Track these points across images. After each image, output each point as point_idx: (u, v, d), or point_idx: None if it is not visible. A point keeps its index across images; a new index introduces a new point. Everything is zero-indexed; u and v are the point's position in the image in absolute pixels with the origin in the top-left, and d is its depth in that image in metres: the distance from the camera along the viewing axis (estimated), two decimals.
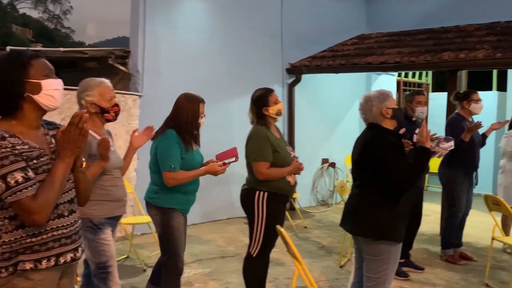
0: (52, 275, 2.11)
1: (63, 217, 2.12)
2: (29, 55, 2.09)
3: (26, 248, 2.02)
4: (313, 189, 9.37)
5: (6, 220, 2.01)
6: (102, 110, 3.20)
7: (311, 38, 9.02)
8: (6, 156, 1.93)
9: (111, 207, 3.21)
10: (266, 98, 3.99)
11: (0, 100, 2.04)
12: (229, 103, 7.73)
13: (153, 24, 6.93)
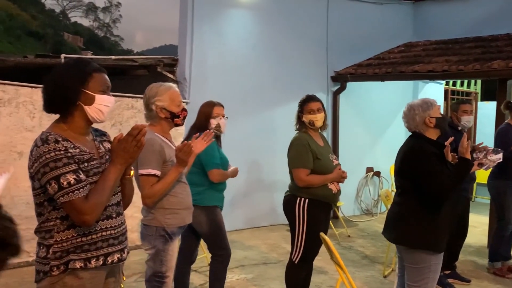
0: (100, 274, 2.20)
1: (111, 218, 2.22)
2: (94, 67, 2.19)
3: (77, 248, 2.12)
4: (357, 198, 9.29)
5: (58, 220, 2.12)
6: (172, 115, 3.16)
7: (356, 45, 8.99)
8: (59, 158, 2.04)
9: (183, 215, 3.21)
10: (303, 106, 4.04)
11: (55, 100, 2.15)
12: (274, 110, 7.79)
13: (200, 32, 7.08)
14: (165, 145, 3.10)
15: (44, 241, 2.13)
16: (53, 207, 2.11)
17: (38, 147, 2.07)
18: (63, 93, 2.12)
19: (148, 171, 3.00)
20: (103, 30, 79.15)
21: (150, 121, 3.21)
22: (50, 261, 2.10)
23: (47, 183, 2.03)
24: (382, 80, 8.35)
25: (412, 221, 3.27)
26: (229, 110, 7.25)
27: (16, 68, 6.64)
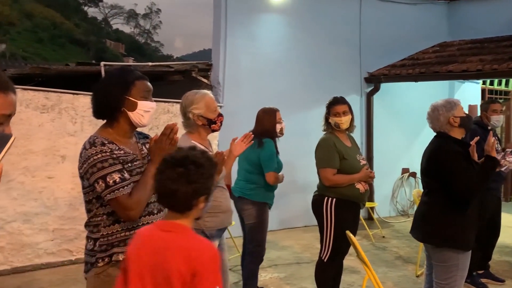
0: None
1: (153, 214, 2.39)
2: (136, 76, 2.38)
3: (120, 241, 2.30)
4: (393, 199, 9.27)
5: (105, 216, 2.30)
6: (209, 122, 3.23)
7: (390, 46, 8.98)
8: (106, 159, 2.23)
9: (222, 218, 3.33)
10: (329, 107, 4.14)
11: (102, 107, 2.35)
12: (307, 112, 7.87)
13: (233, 37, 7.25)
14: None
15: (92, 235, 2.33)
16: (101, 204, 2.29)
17: (87, 150, 2.26)
18: (109, 101, 2.31)
19: None
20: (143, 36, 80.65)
21: (188, 129, 3.32)
22: (96, 253, 2.29)
23: (95, 182, 2.22)
24: (416, 80, 8.32)
25: (439, 220, 3.33)
26: None
27: (58, 75, 6.97)
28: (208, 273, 1.76)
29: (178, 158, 1.84)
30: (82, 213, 5.95)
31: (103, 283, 2.29)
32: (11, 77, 7.27)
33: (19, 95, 5.41)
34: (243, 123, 4.27)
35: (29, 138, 5.50)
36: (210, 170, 1.89)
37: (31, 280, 5.22)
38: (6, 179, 5.22)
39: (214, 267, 1.78)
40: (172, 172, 1.81)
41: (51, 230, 5.66)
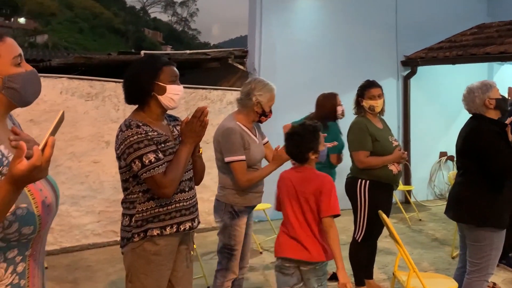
0: (173, 241, 2.54)
1: (184, 192, 2.54)
2: (163, 62, 2.53)
3: (154, 217, 2.46)
4: (430, 183, 9.25)
5: (140, 193, 2.46)
6: (263, 113, 3.47)
7: (427, 29, 8.89)
8: (141, 140, 2.38)
9: (251, 197, 3.49)
10: (364, 90, 4.22)
11: (134, 92, 2.51)
12: (343, 97, 7.86)
13: (268, 24, 7.35)
14: (244, 133, 3.40)
15: (128, 211, 2.50)
16: (137, 182, 2.46)
17: (123, 132, 2.42)
18: (139, 86, 2.48)
19: (235, 157, 3.33)
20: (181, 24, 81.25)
21: (240, 107, 3.52)
22: (132, 228, 2.46)
23: (131, 162, 2.38)
24: (453, 63, 8.24)
25: (474, 200, 3.38)
26: (299, 98, 7.54)
27: (101, 65, 7.23)
28: (327, 191, 2.93)
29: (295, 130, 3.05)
30: None
31: (138, 257, 2.45)
32: (57, 67, 7.59)
33: (64, 83, 5.70)
34: (279, 107, 4.37)
35: (75, 125, 5.78)
36: (313, 136, 3.00)
37: (79, 259, 5.52)
38: (54, 164, 5.51)
39: (330, 188, 2.94)
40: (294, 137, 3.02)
41: (97, 212, 5.95)
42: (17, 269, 1.56)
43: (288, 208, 3.03)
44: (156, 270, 2.48)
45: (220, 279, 3.49)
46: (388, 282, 4.78)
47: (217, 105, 6.90)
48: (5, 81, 1.55)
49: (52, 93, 5.65)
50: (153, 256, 2.46)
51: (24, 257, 1.57)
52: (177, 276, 2.62)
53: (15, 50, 1.59)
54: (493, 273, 3.45)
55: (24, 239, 1.53)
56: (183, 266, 2.65)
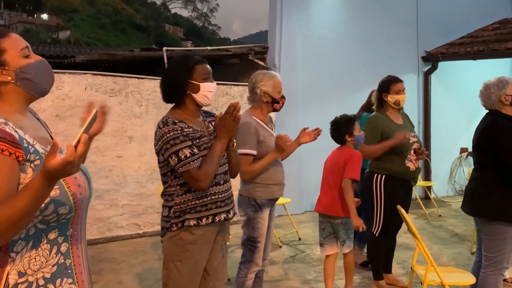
0: (210, 232, 2.64)
1: (219, 185, 2.65)
2: (196, 60, 2.63)
3: (191, 209, 2.57)
4: (451, 179, 9.22)
5: (178, 187, 2.58)
6: (273, 100, 3.51)
7: (448, 24, 8.85)
8: (177, 136, 2.50)
9: (273, 190, 3.56)
10: (389, 85, 4.27)
11: (170, 92, 2.64)
12: (365, 92, 7.86)
13: (289, 20, 7.40)
14: (260, 127, 3.47)
15: (167, 203, 2.62)
16: (175, 176, 2.58)
17: (161, 129, 2.54)
18: (174, 87, 2.60)
19: (245, 151, 3.40)
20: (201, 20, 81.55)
21: (252, 104, 3.60)
22: (171, 219, 2.58)
23: (169, 157, 2.50)
24: (474, 58, 8.19)
25: (489, 194, 3.42)
26: (320, 94, 7.59)
27: (124, 61, 7.36)
28: (354, 160, 3.91)
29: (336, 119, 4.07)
30: (149, 190, 6.37)
31: (176, 246, 2.58)
32: (81, 63, 7.76)
33: (89, 80, 5.84)
34: (298, 104, 4.43)
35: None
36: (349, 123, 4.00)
37: (103, 251, 5.67)
38: None
39: (358, 160, 3.92)
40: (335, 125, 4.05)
41: (121, 205, 6.09)
42: (61, 249, 1.65)
43: (324, 176, 4.08)
44: (192, 258, 2.59)
45: (243, 271, 3.57)
46: (407, 277, 4.82)
47: (237, 101, 6.97)
48: (17, 73, 1.63)
49: (77, 89, 5.79)
50: (189, 245, 2.57)
51: (66, 237, 1.66)
52: (213, 266, 2.73)
53: (22, 43, 1.67)
54: (508, 267, 3.48)
55: (62, 219, 1.61)
56: (219, 256, 2.76)
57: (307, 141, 3.74)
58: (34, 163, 1.55)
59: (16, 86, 1.65)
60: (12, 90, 1.64)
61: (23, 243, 1.56)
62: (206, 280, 2.72)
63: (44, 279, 1.61)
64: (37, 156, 1.57)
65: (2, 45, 1.63)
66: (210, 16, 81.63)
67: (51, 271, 1.63)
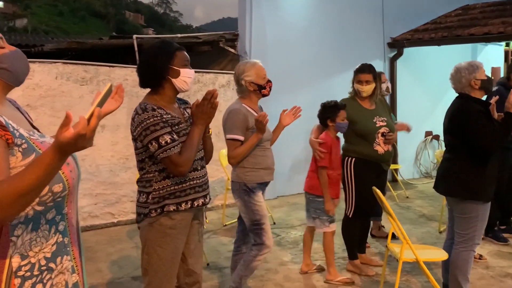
0: (188, 216, 2.70)
1: (197, 170, 2.70)
2: (176, 47, 2.66)
3: (170, 194, 2.61)
4: (416, 162, 9.50)
5: (156, 173, 2.61)
6: (260, 87, 3.58)
7: (413, 11, 9.07)
8: (157, 123, 2.52)
9: (262, 174, 3.62)
10: (355, 74, 4.44)
11: (149, 76, 2.64)
12: (333, 79, 8.07)
13: (259, 7, 7.44)
14: (249, 114, 3.53)
15: (144, 189, 2.65)
16: (153, 162, 2.61)
17: (139, 115, 2.55)
18: (155, 70, 2.61)
19: (233, 136, 3.49)
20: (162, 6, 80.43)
21: (240, 95, 3.67)
22: (149, 205, 2.61)
23: (148, 143, 2.53)
24: (439, 44, 8.43)
25: (461, 175, 3.58)
26: (290, 81, 7.69)
27: (93, 49, 7.27)
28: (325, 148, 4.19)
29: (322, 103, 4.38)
30: (122, 178, 6.35)
31: (155, 231, 2.62)
32: (50, 52, 7.61)
33: (59, 68, 5.77)
34: (272, 91, 4.47)
35: (70, 109, 5.78)
36: (333, 109, 4.26)
37: None
38: None
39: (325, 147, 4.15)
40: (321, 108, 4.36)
41: (94, 195, 6.06)
42: (59, 228, 1.70)
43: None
44: (172, 243, 2.64)
45: (254, 251, 3.62)
46: (379, 256, 5.01)
47: (209, 88, 6.98)
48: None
49: (48, 78, 5.71)
50: (169, 230, 2.62)
51: (63, 216, 1.70)
52: (190, 249, 2.79)
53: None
54: (479, 243, 3.66)
55: (58, 198, 1.64)
56: (195, 239, 2.83)
57: (289, 122, 3.85)
58: (21, 146, 1.57)
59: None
60: None
61: (23, 227, 1.59)
62: (184, 263, 2.79)
63: (45, 259, 1.65)
64: (23, 140, 1.59)
65: None
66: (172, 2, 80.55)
67: (51, 250, 1.67)
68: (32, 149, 1.60)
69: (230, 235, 5.78)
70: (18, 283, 1.59)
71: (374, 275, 4.50)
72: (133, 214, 6.29)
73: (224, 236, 5.78)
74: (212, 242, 5.53)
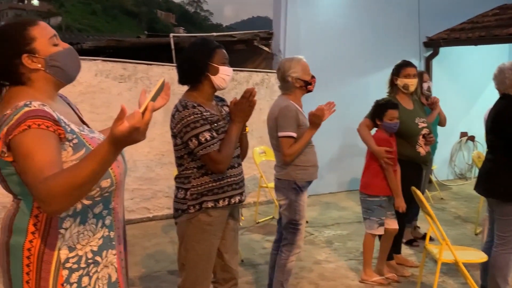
0: (224, 213, 2.74)
1: (234, 168, 2.74)
2: (216, 45, 2.71)
3: (209, 191, 2.65)
4: (451, 163, 9.37)
5: (195, 169, 2.65)
6: (306, 83, 3.56)
7: (449, 10, 8.92)
8: (197, 120, 2.56)
9: (311, 172, 3.61)
10: (399, 69, 4.35)
11: (189, 72, 2.68)
12: (367, 77, 8.02)
13: (294, 5, 7.45)
14: (298, 111, 3.53)
15: (183, 186, 2.69)
16: (192, 159, 2.64)
17: (180, 112, 2.60)
18: (195, 67, 2.65)
19: (287, 133, 3.46)
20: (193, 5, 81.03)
21: (284, 91, 3.66)
22: (188, 201, 2.65)
23: (188, 140, 2.57)
24: (476, 44, 8.29)
25: (503, 176, 3.53)
26: (324, 79, 7.61)
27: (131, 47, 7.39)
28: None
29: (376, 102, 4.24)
30: (158, 174, 6.44)
31: (194, 227, 2.67)
32: (88, 49, 7.77)
33: (99, 66, 5.88)
34: None
35: (109, 106, 5.97)
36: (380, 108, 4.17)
37: None
38: None
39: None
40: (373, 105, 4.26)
41: (131, 190, 6.16)
42: (105, 222, 1.75)
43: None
44: (209, 239, 2.69)
45: (285, 253, 3.61)
46: (415, 257, 4.97)
47: (243, 87, 7.04)
48: (47, 60, 1.69)
49: (88, 75, 5.83)
50: (207, 226, 2.67)
51: (109, 211, 1.76)
52: (226, 245, 2.83)
53: (50, 31, 1.73)
54: None
55: (105, 193, 1.70)
56: (231, 235, 2.87)
57: (325, 118, 3.69)
58: (72, 142, 1.62)
59: (46, 73, 1.70)
60: (42, 77, 1.70)
61: (71, 220, 1.65)
62: (220, 259, 2.83)
63: (92, 252, 1.70)
64: (74, 135, 1.64)
65: (32, 33, 1.68)
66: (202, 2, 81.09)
67: (98, 244, 1.72)
68: (82, 144, 1.65)
69: (263, 232, 5.82)
70: (65, 274, 1.64)
71: (410, 275, 4.47)
72: (168, 209, 6.41)
73: (257, 233, 5.81)
74: (245, 239, 5.57)
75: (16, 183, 1.61)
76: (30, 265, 1.61)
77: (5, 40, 1.67)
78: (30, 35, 1.67)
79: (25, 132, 1.49)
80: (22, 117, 1.52)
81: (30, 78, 1.69)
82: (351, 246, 5.36)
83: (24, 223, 1.62)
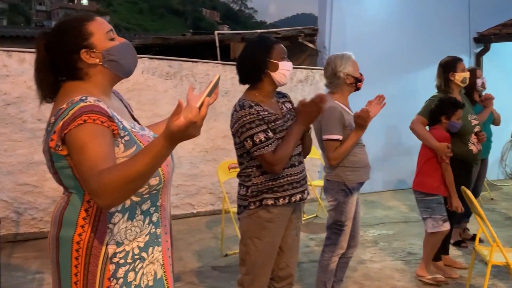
0: (286, 211, 2.73)
1: (294, 166, 2.71)
2: (273, 41, 2.69)
3: (268, 189, 2.65)
4: (502, 162, 9.06)
5: (255, 168, 2.66)
6: (357, 80, 3.45)
7: (501, 4, 8.64)
8: (253, 120, 2.55)
9: (361, 173, 3.49)
10: (455, 64, 4.25)
11: (249, 71, 2.67)
12: (414, 74, 7.87)
13: (340, 1, 7.36)
14: (344, 112, 3.40)
15: (244, 183, 2.70)
16: (251, 158, 2.65)
17: (237, 112, 2.60)
18: (254, 64, 2.63)
19: (332, 136, 3.34)
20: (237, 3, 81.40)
21: (331, 89, 3.53)
22: (249, 198, 2.67)
23: (244, 140, 2.58)
24: None
25: None
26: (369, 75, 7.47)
27: (177, 45, 7.49)
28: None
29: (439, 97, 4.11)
30: (202, 171, 6.49)
31: (254, 223, 2.68)
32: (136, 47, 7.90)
33: (146, 63, 5.98)
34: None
35: (155, 103, 6.06)
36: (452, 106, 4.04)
37: None
38: None
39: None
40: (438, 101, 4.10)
41: (175, 186, 6.24)
42: (153, 219, 1.76)
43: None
44: (269, 236, 2.68)
45: (328, 254, 3.54)
46: (463, 259, 4.83)
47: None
48: (104, 55, 1.70)
49: (135, 73, 5.77)
50: (267, 223, 2.66)
51: (157, 208, 1.76)
52: (287, 242, 2.82)
53: (106, 26, 1.75)
54: None
55: (153, 191, 1.70)
56: (293, 234, 2.85)
57: (376, 113, 3.53)
58: (124, 138, 1.63)
59: (103, 68, 1.72)
60: (99, 72, 1.72)
61: (120, 215, 1.66)
62: (280, 256, 2.81)
63: (138, 248, 1.71)
64: (126, 132, 1.65)
65: (90, 29, 1.71)
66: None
67: (144, 240, 1.73)
68: (133, 142, 1.66)
69: (307, 230, 5.79)
70: (112, 269, 1.65)
71: (458, 277, 4.34)
72: (212, 205, 6.48)
73: (301, 232, 5.76)
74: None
75: (68, 176, 1.63)
76: (79, 258, 1.63)
77: (63, 36, 1.70)
78: (87, 30, 1.70)
79: (80, 126, 1.52)
80: (78, 111, 1.54)
81: (88, 73, 1.71)
82: (396, 246, 5.25)
83: (74, 216, 1.65)
